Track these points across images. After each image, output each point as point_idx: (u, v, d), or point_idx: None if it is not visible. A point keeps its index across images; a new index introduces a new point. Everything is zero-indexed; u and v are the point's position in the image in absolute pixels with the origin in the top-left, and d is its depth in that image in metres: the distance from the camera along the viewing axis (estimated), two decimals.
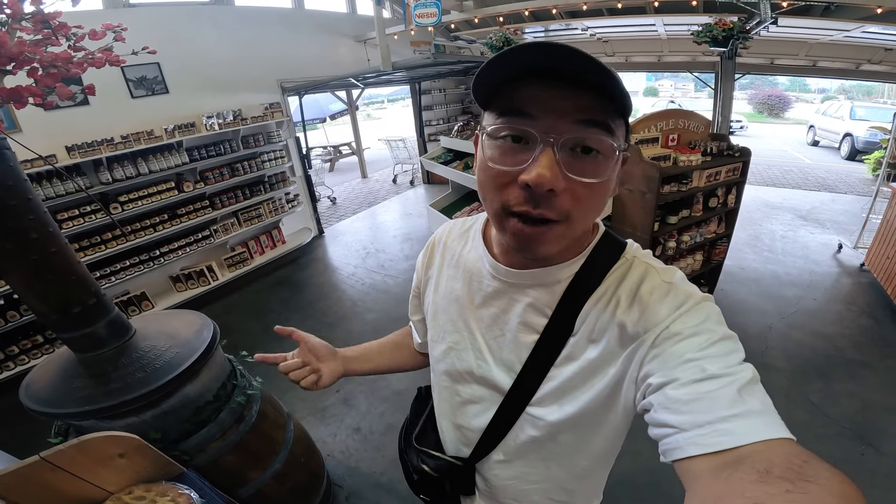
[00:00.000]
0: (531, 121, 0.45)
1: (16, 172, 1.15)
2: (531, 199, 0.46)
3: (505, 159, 0.47)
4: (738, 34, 3.76)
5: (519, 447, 0.63)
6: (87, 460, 1.04)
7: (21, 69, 1.09)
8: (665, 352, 0.46)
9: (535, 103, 0.45)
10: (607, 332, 0.52)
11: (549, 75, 0.44)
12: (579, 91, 0.44)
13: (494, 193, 0.49)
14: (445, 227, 0.76)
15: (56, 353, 1.43)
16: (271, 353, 0.82)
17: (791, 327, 3.02)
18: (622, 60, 6.61)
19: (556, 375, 0.57)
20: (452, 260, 0.70)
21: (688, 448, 0.40)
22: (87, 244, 3.20)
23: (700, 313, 0.48)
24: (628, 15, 4.79)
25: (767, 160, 8.64)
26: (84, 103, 3.29)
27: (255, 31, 4.46)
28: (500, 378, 0.62)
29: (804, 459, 0.35)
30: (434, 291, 0.72)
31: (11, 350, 2.86)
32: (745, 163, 2.87)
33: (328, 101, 9.36)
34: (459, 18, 5.25)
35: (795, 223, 4.91)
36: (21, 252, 1.16)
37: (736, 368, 0.43)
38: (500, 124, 0.47)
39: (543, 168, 0.44)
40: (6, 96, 1.08)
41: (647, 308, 0.50)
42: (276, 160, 4.47)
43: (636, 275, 0.54)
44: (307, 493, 1.78)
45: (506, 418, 0.62)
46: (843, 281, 3.64)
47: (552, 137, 0.44)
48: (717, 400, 0.40)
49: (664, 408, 0.43)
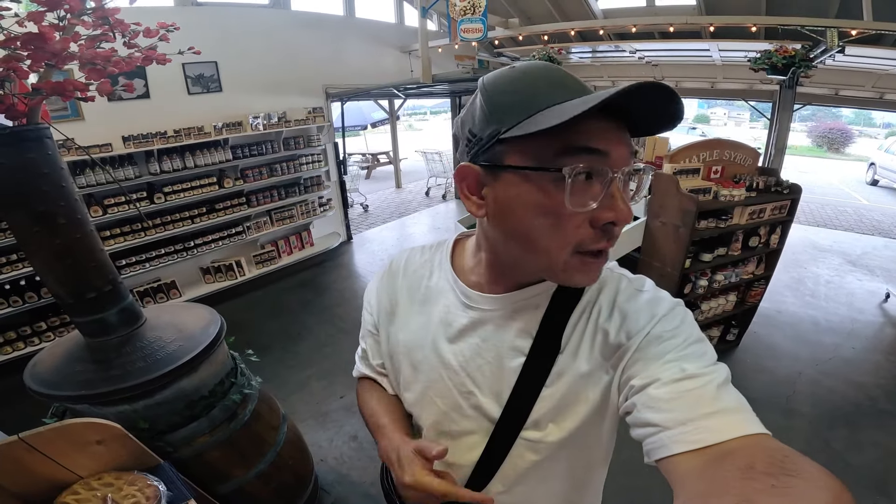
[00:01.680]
0: (605, 157, 0.44)
1: (53, 160, 1.22)
2: (606, 234, 0.47)
3: (584, 200, 0.45)
4: (800, 62, 3.54)
5: (518, 474, 0.61)
6: (64, 444, 1.07)
7: (63, 66, 1.15)
8: (646, 355, 0.48)
9: (602, 138, 0.44)
10: (594, 342, 0.54)
11: (607, 106, 0.41)
12: (619, 121, 0.45)
13: (563, 234, 0.47)
14: (402, 255, 0.72)
15: (68, 335, 1.49)
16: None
17: (823, 374, 2.87)
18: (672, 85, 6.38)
19: (549, 395, 0.56)
20: (418, 294, 0.66)
21: (672, 446, 0.41)
22: (129, 230, 3.39)
23: (676, 317, 0.50)
24: (681, 39, 4.64)
25: (822, 198, 8.11)
26: (145, 96, 3.54)
27: (307, 36, 4.65)
28: (490, 407, 0.59)
29: (784, 454, 0.36)
30: (402, 329, 0.67)
31: (24, 331, 2.97)
32: (793, 201, 2.65)
33: (371, 109, 9.62)
34: (504, 35, 5.25)
35: (843, 268, 4.62)
36: (47, 236, 1.22)
37: (712, 368, 0.45)
38: (572, 162, 0.43)
39: (624, 203, 0.45)
40: (50, 90, 1.15)
41: (628, 316, 0.52)
42: (313, 164, 4.61)
43: (612, 285, 0.56)
44: (292, 495, 1.77)
45: (499, 447, 0.60)
46: (887, 331, 3.43)
47: (621, 171, 0.45)
48: (698, 398, 0.42)
49: (647, 407, 0.45)
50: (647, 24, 4.30)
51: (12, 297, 2.87)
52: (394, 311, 0.69)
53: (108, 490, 1.08)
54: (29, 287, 2.93)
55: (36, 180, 1.16)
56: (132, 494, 1.09)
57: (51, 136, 1.20)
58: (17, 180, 1.13)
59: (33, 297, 2.93)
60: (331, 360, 3.09)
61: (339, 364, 3.02)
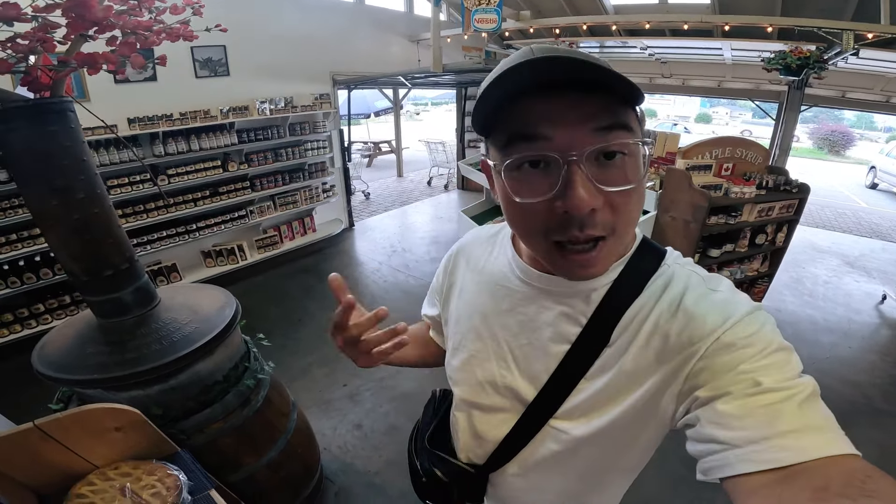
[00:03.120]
0: (547, 142, 0.41)
1: (75, 134, 1.19)
2: (575, 223, 0.43)
3: (532, 190, 0.44)
4: (814, 64, 3.54)
5: (537, 460, 0.61)
6: (81, 432, 1.03)
7: (102, 34, 1.11)
8: (715, 364, 0.43)
9: (543, 121, 0.41)
10: (649, 343, 0.49)
11: (547, 87, 0.40)
12: (583, 96, 0.40)
13: (530, 227, 0.46)
14: (471, 233, 0.74)
15: (78, 315, 1.44)
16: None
17: (820, 372, 2.90)
18: (678, 83, 6.38)
19: (585, 388, 0.54)
20: (477, 266, 0.67)
21: (738, 465, 0.37)
22: (131, 212, 3.35)
23: (753, 323, 0.44)
24: (693, 37, 4.61)
25: (821, 200, 8.18)
26: (152, 79, 3.46)
27: (317, 21, 4.57)
28: (524, 389, 0.59)
29: (867, 474, 0.32)
30: (457, 297, 0.69)
31: (37, 308, 2.95)
32: (801, 200, 2.67)
33: (374, 98, 9.53)
34: (514, 27, 5.20)
35: (841, 269, 4.70)
36: (65, 210, 1.19)
37: (794, 382, 0.40)
38: (514, 155, 0.43)
39: (578, 189, 0.41)
40: (81, 61, 1.12)
41: (694, 318, 0.46)
42: (318, 150, 4.57)
43: (680, 283, 0.50)
44: (298, 484, 1.76)
45: (526, 430, 0.60)
46: (883, 332, 3.50)
47: (574, 154, 0.41)
48: (775, 414, 0.38)
49: (713, 423, 0.41)
50: (661, 22, 4.26)
51: (10, 277, 2.83)
52: (456, 282, 0.71)
53: (126, 480, 1.05)
54: (28, 268, 2.89)
55: (57, 153, 1.13)
56: (152, 485, 1.05)
57: (73, 109, 1.17)
58: (38, 153, 1.10)
59: (31, 279, 2.89)
60: (332, 347, 2.99)
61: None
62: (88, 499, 1.01)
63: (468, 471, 0.68)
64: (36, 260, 2.92)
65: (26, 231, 2.85)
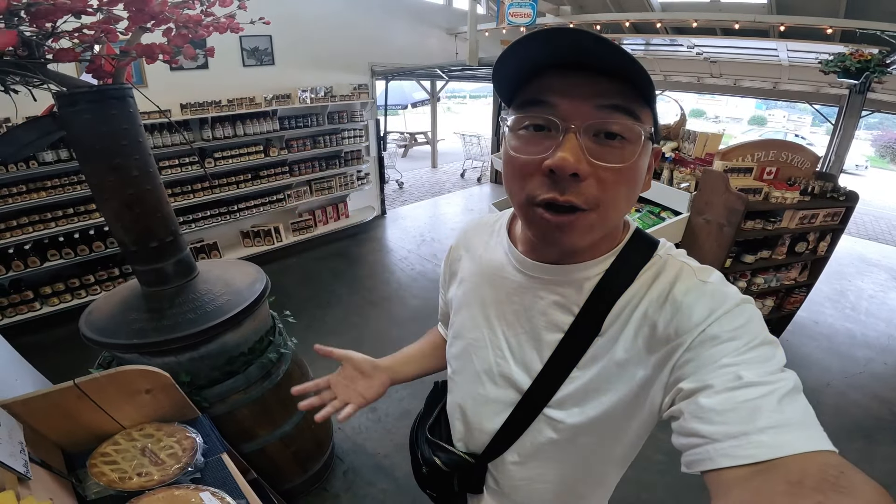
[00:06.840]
0: (551, 109, 0.45)
1: (133, 117, 1.31)
2: (557, 186, 0.45)
3: (528, 148, 0.47)
4: (875, 68, 3.28)
5: (535, 449, 0.62)
6: (114, 391, 1.09)
7: (158, 27, 1.23)
8: (700, 356, 0.44)
9: (553, 92, 0.45)
10: (638, 333, 0.50)
11: (568, 66, 0.44)
12: (597, 77, 0.44)
13: (519, 184, 0.49)
14: (470, 222, 0.76)
15: (125, 284, 1.56)
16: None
17: (850, 387, 2.79)
18: (730, 84, 6.05)
19: (578, 377, 0.55)
20: (475, 255, 0.68)
21: (718, 459, 0.38)
22: (179, 191, 3.59)
23: (740, 316, 0.45)
24: (746, 37, 4.36)
25: (877, 210, 7.61)
26: (204, 67, 3.67)
27: (358, 13, 4.67)
28: (519, 377, 0.60)
29: (840, 470, 0.33)
30: (457, 286, 0.71)
31: (87, 279, 3.21)
32: (848, 209, 2.51)
33: (412, 90, 9.60)
34: (553, 23, 5.09)
35: (889, 284, 4.39)
36: (120, 186, 1.31)
37: (776, 376, 0.40)
38: (521, 115, 0.48)
39: (566, 151, 0.43)
40: (140, 51, 1.23)
41: (682, 309, 0.47)
42: (354, 138, 4.71)
43: (670, 274, 0.51)
44: (308, 459, 1.82)
45: (522, 419, 0.61)
46: None
47: (574, 124, 0.44)
48: (755, 409, 0.38)
49: (695, 417, 0.41)
50: (710, 21, 4.06)
51: (65, 248, 3.09)
52: (457, 272, 0.73)
53: (148, 441, 1.11)
54: (82, 240, 3.15)
55: (116, 135, 1.25)
56: (170, 445, 1.10)
57: (132, 95, 1.28)
58: (100, 134, 1.22)
59: (85, 251, 3.15)
60: (358, 330, 3.18)
61: (366, 334, 3.11)
62: (112, 457, 1.07)
63: (468, 460, 0.70)
64: (90, 234, 3.19)
65: (83, 206, 3.11)
